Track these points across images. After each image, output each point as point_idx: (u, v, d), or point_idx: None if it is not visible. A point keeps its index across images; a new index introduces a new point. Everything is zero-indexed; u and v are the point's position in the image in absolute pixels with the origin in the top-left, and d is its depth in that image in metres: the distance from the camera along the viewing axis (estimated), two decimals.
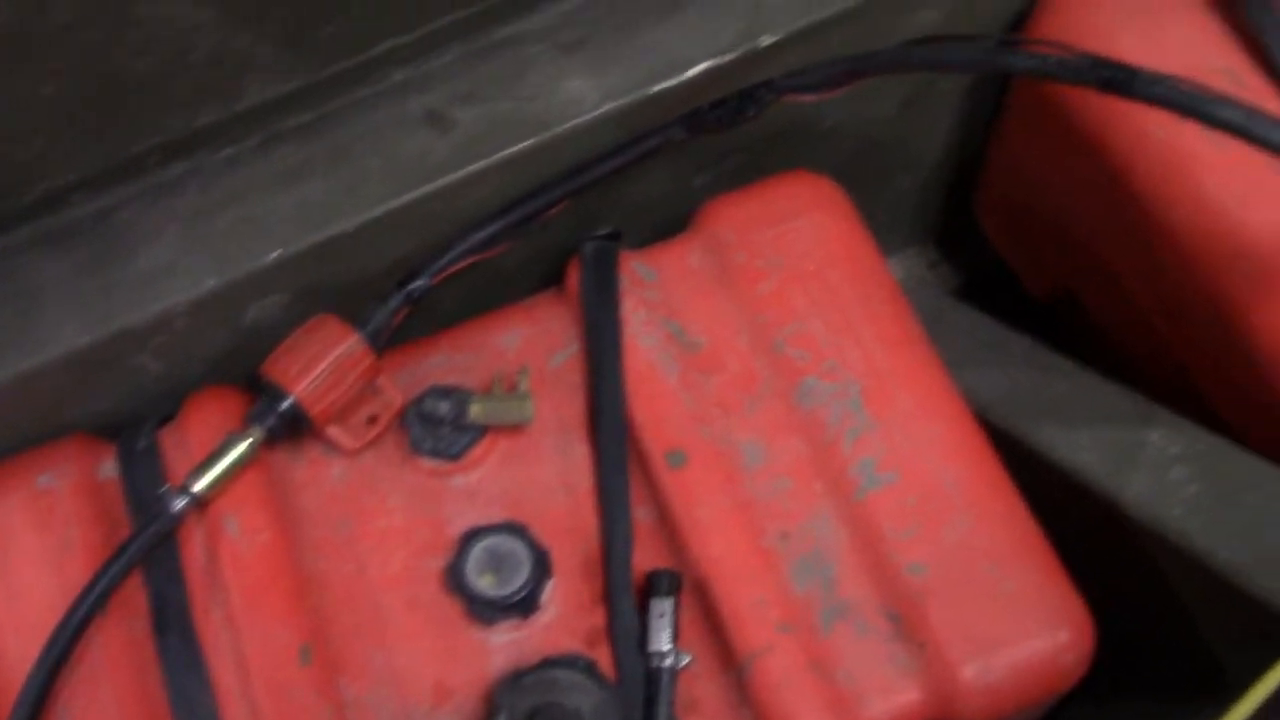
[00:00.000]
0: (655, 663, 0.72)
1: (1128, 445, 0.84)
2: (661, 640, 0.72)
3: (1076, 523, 0.81)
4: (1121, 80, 0.68)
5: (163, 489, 0.76)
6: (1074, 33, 0.87)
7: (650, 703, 0.71)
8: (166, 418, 0.82)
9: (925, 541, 0.75)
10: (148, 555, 0.75)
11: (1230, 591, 0.73)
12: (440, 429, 0.80)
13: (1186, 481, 0.80)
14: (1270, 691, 0.66)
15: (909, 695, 0.72)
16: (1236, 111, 0.66)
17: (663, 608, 0.72)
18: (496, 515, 0.79)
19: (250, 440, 0.76)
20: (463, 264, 0.83)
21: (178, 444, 0.79)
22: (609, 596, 0.75)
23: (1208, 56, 0.88)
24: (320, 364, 0.76)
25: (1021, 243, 1.09)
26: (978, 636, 0.73)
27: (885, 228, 0.88)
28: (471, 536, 0.77)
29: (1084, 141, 0.89)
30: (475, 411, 0.79)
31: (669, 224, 0.88)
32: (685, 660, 0.73)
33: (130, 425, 0.81)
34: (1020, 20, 0.94)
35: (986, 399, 0.90)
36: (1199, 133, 0.84)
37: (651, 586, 0.73)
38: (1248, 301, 0.82)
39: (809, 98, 0.80)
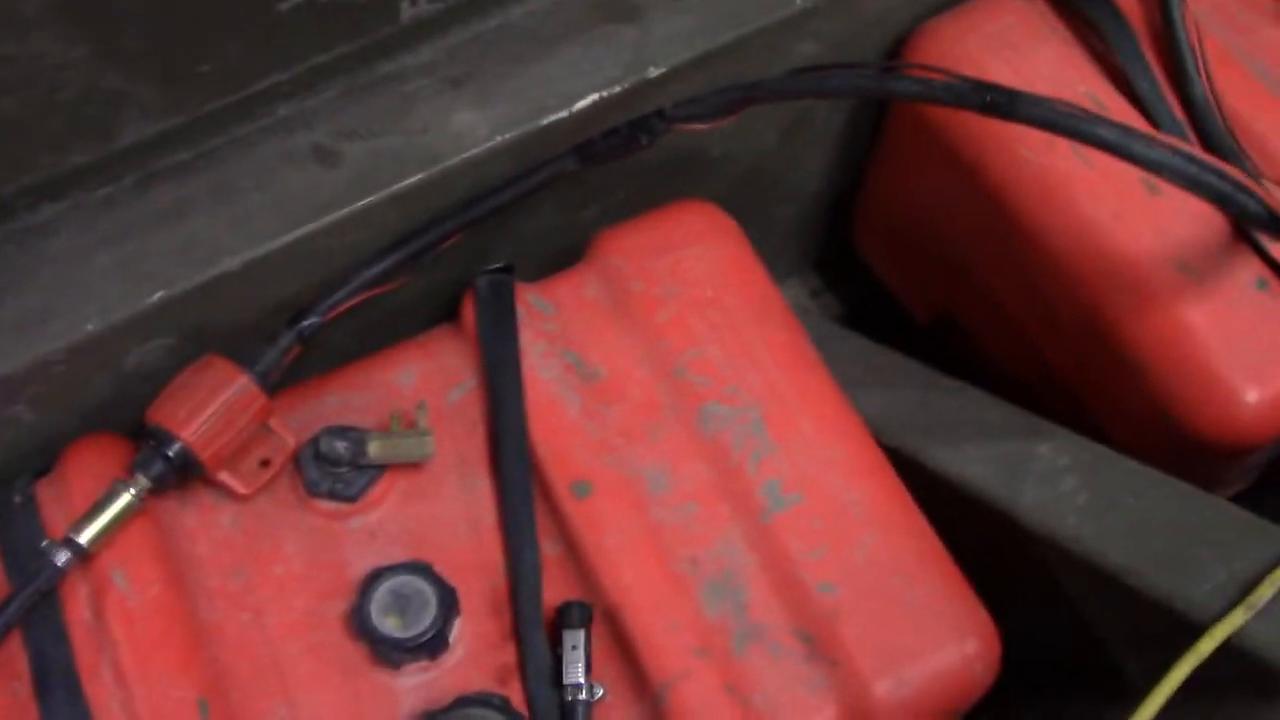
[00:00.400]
0: (570, 695, 0.71)
1: (1018, 458, 0.86)
2: (576, 673, 0.71)
3: (973, 535, 0.83)
4: (1003, 103, 0.71)
5: (44, 543, 0.72)
6: (948, 60, 0.90)
7: None
8: (43, 470, 0.78)
9: (833, 560, 0.76)
10: (28, 614, 0.71)
11: (1123, 592, 0.75)
12: (337, 470, 0.77)
13: (1076, 490, 0.82)
14: (1170, 694, 0.68)
15: (825, 714, 0.72)
16: (1112, 130, 0.69)
17: (575, 639, 0.71)
18: (399, 555, 0.77)
19: (136, 489, 0.73)
20: (355, 300, 0.81)
21: (57, 496, 0.75)
22: (519, 632, 0.74)
23: (1071, 81, 0.92)
24: (209, 407, 0.73)
25: (901, 267, 1.12)
26: (889, 651, 0.73)
27: (768, 258, 0.89)
28: (375, 578, 0.74)
29: (961, 166, 0.92)
30: (374, 450, 0.77)
31: (562, 256, 0.88)
32: (599, 693, 0.72)
33: (3, 480, 0.77)
34: (895, 50, 0.97)
35: (877, 421, 0.92)
36: (1071, 155, 0.89)
37: (562, 619, 0.72)
38: (1120, 315, 0.85)
39: (701, 126, 0.81)
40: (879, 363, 1.02)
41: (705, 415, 0.80)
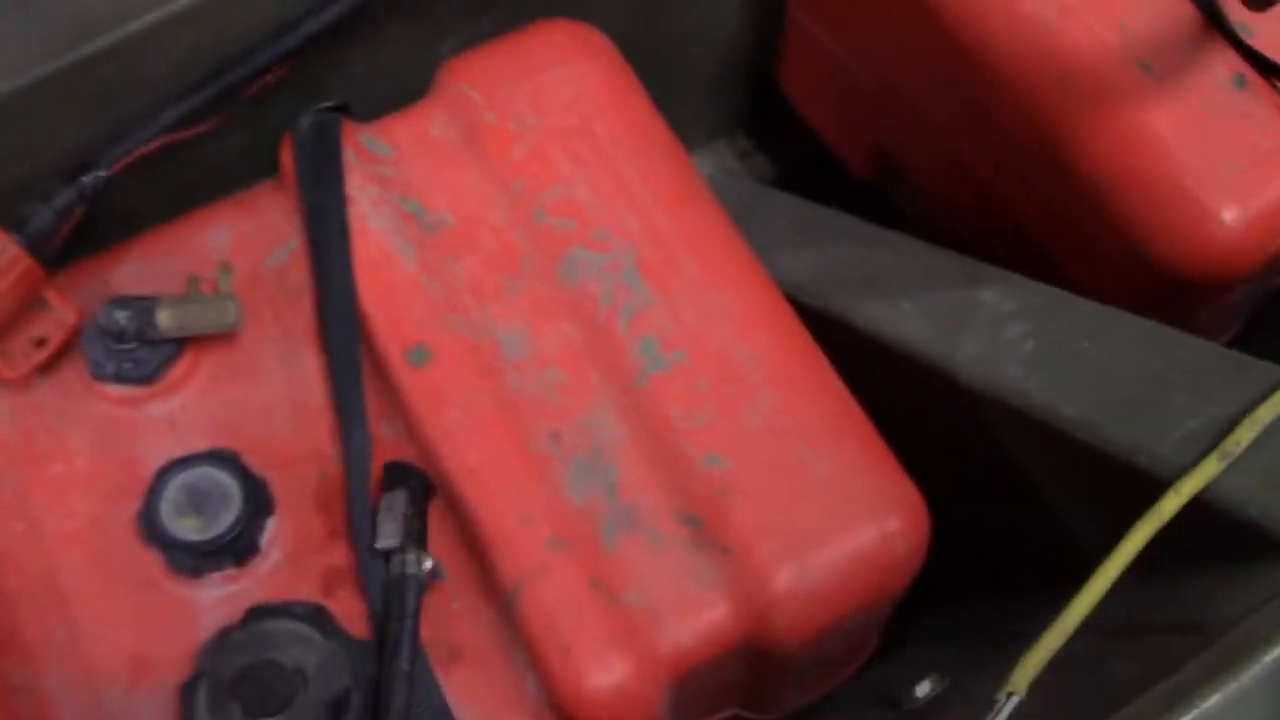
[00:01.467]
0: (395, 569, 0.58)
1: (958, 307, 0.73)
2: (389, 536, 0.58)
3: (909, 400, 0.70)
4: None
5: None
6: None
7: (394, 640, 0.57)
8: None
9: (722, 427, 0.63)
10: None
11: (1078, 449, 0.62)
12: (124, 347, 0.64)
13: (1023, 338, 0.69)
14: (1128, 561, 0.55)
15: (714, 612, 0.60)
16: None
17: (393, 501, 0.59)
18: (204, 444, 0.64)
19: None
20: (149, 147, 0.67)
21: None
22: (350, 523, 0.61)
23: None
24: None
25: (834, 111, 0.97)
26: (791, 534, 0.61)
27: (689, 119, 0.76)
28: (166, 472, 0.62)
29: None
30: (164, 320, 0.64)
31: (415, 96, 0.74)
32: (429, 564, 0.59)
33: None
34: None
35: (803, 279, 0.79)
36: None
37: (385, 482, 0.60)
38: (1074, 128, 0.72)
39: None
40: (807, 220, 0.88)
41: (569, 264, 0.66)
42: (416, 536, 0.59)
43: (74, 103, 0.66)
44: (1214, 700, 0.43)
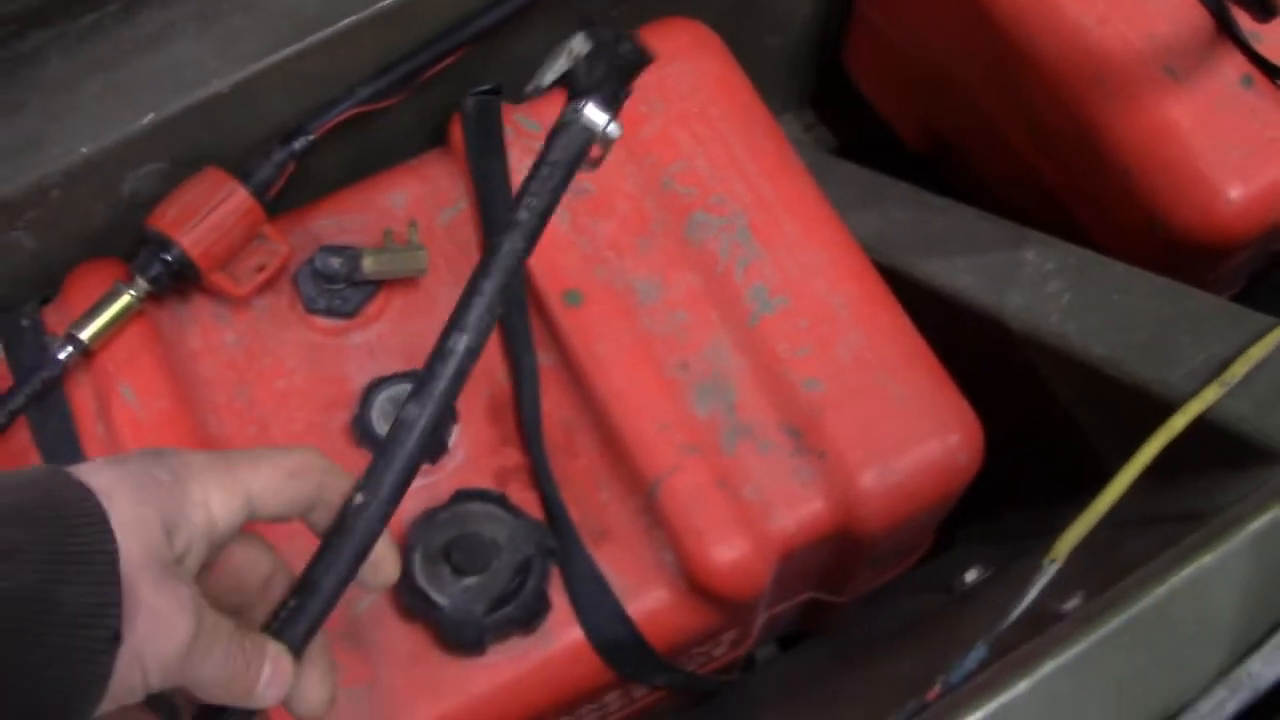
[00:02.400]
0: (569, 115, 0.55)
1: (1005, 266, 0.87)
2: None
3: (962, 342, 0.85)
4: None
5: (47, 340, 0.75)
6: None
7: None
8: (49, 297, 0.80)
9: (819, 358, 0.77)
10: (41, 426, 0.74)
11: (1105, 383, 0.77)
12: (333, 286, 0.79)
13: (1061, 291, 0.83)
14: (1141, 469, 0.70)
15: (813, 505, 0.75)
16: None
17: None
18: (397, 368, 0.79)
19: (135, 290, 0.75)
20: (347, 115, 0.82)
21: (64, 319, 0.77)
22: (524, 429, 0.76)
23: None
24: (204, 210, 0.75)
25: (894, 92, 1.11)
26: (874, 443, 0.75)
27: (762, 95, 0.89)
28: (374, 387, 0.77)
29: None
30: (368, 265, 0.78)
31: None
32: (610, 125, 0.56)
33: (7, 307, 0.79)
34: None
35: (868, 238, 0.92)
36: None
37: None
38: (1106, 119, 0.86)
39: None
40: (872, 187, 1.02)
41: (692, 225, 0.81)
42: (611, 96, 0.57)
43: (289, 84, 0.81)
44: (1207, 559, 0.58)
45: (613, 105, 0.56)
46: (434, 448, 0.76)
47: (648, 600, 0.74)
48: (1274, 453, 0.69)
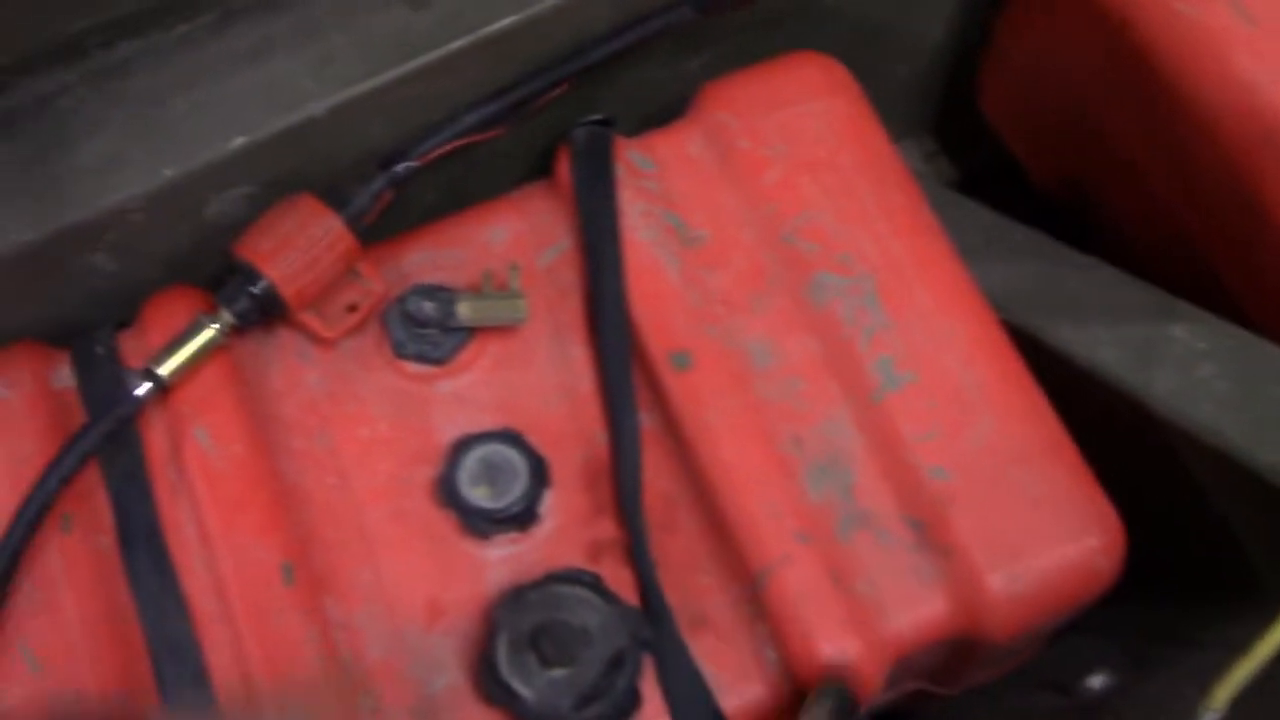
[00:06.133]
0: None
1: (1150, 341, 0.80)
2: None
3: (1097, 422, 0.77)
4: None
5: (123, 372, 0.70)
6: None
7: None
8: (125, 322, 0.75)
9: (947, 444, 0.71)
10: (111, 464, 0.69)
11: (1267, 493, 0.70)
12: (425, 331, 0.74)
13: (1215, 377, 0.76)
14: None
15: (934, 606, 0.68)
16: None
17: None
18: (488, 422, 0.73)
19: (219, 324, 0.70)
20: (452, 146, 0.76)
21: (140, 348, 0.72)
22: (621, 505, 0.70)
23: None
24: (296, 243, 0.70)
25: (1029, 131, 1.04)
26: (1005, 543, 0.69)
27: (882, 118, 0.83)
28: (463, 445, 0.71)
29: (1106, 18, 0.83)
30: (464, 312, 0.73)
31: (662, 109, 0.82)
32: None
33: (83, 331, 0.75)
34: None
35: (995, 295, 0.85)
36: (1230, 10, 0.80)
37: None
38: (1272, 175, 0.78)
39: None
40: (999, 233, 0.95)
41: (815, 285, 0.75)
42: None
43: (387, 109, 0.75)
44: None
45: None
46: (525, 516, 0.70)
47: (744, 698, 0.68)
48: None
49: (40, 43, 0.71)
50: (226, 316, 0.71)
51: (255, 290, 0.70)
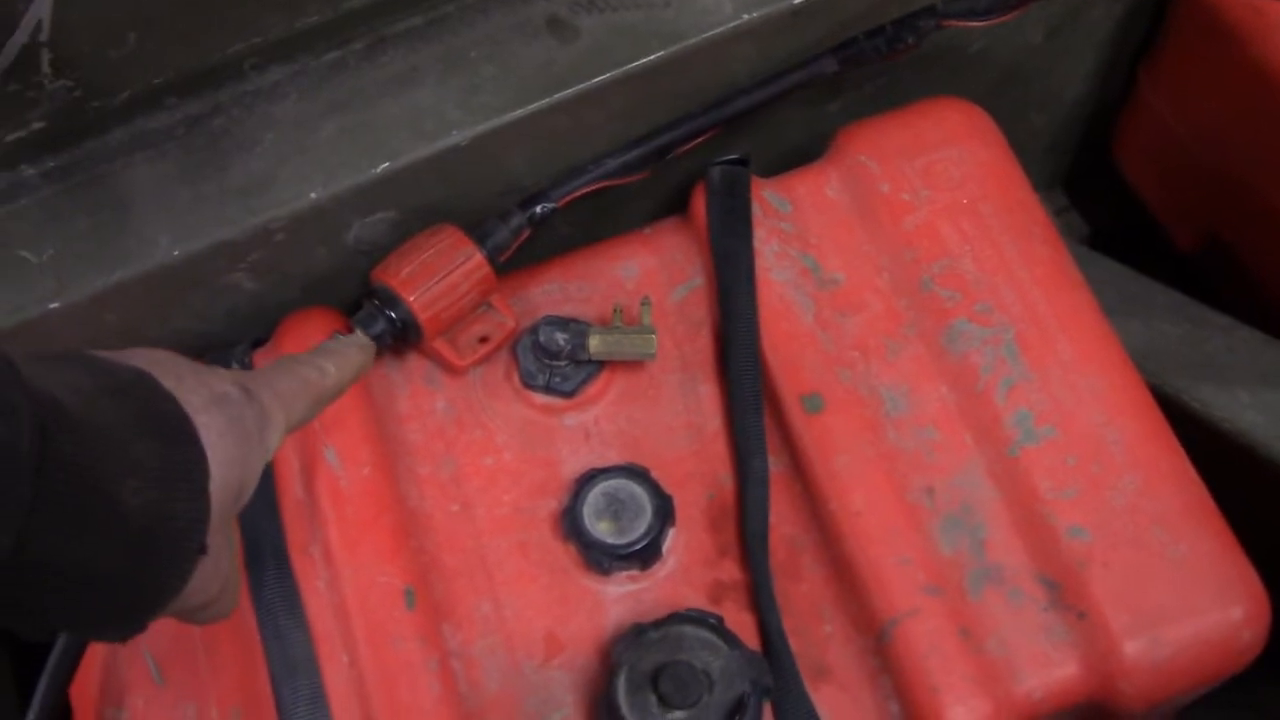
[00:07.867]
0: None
1: None
2: None
3: (1241, 489, 0.74)
4: None
5: None
6: None
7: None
8: (261, 340, 0.76)
9: (1087, 503, 0.68)
10: None
11: None
12: (555, 363, 0.74)
13: None
14: None
15: (1066, 669, 0.66)
16: None
17: None
18: (613, 457, 0.73)
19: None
20: (592, 188, 0.76)
21: None
22: (747, 547, 0.69)
23: None
24: (436, 272, 0.70)
25: (1168, 187, 1.01)
26: (1144, 609, 0.66)
27: None
28: (589, 479, 0.71)
29: (1260, 68, 0.81)
30: (595, 345, 0.73)
31: (799, 151, 0.82)
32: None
33: (218, 348, 0.76)
34: None
35: (1133, 353, 0.83)
36: None
37: None
38: None
39: (977, 24, 0.73)
40: (1135, 291, 0.93)
41: (952, 333, 0.73)
42: None
43: (530, 141, 0.76)
44: None
45: None
46: (648, 554, 0.69)
47: None
48: None
49: (196, 64, 0.73)
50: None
51: (393, 314, 0.71)
